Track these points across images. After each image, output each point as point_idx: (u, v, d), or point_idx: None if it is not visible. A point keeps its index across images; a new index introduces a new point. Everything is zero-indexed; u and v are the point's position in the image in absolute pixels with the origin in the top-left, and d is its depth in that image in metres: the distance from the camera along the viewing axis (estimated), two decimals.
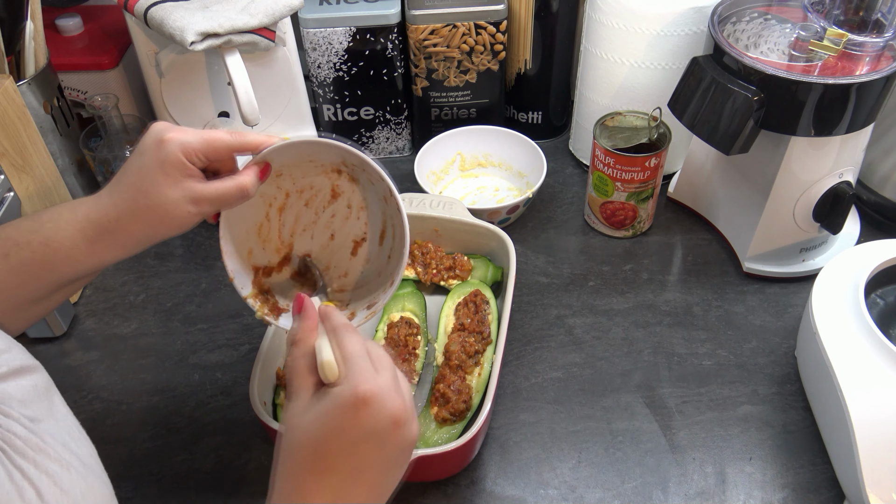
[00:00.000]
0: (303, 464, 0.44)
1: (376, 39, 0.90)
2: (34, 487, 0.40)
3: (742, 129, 0.71)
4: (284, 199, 0.61)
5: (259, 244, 0.62)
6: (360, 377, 0.44)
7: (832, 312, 0.65)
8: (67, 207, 0.54)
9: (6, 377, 0.43)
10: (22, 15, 0.80)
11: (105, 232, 0.53)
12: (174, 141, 0.51)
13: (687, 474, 0.66)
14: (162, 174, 0.51)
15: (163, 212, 0.52)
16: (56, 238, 0.52)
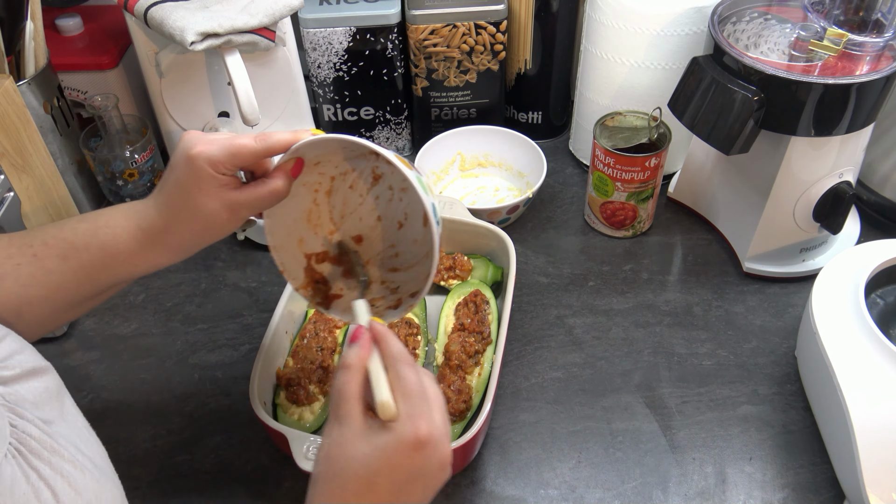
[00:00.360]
0: (352, 490, 0.45)
1: (376, 39, 0.90)
2: (50, 488, 0.40)
3: (742, 129, 0.71)
4: (330, 183, 0.61)
5: (310, 230, 0.62)
6: (420, 419, 0.45)
7: (832, 312, 0.65)
8: (121, 213, 0.55)
9: (19, 379, 0.44)
10: (22, 15, 0.80)
11: (156, 240, 0.55)
12: (201, 156, 0.51)
13: (687, 474, 0.66)
14: (196, 189, 0.52)
15: (203, 221, 0.54)
16: (113, 244, 0.54)
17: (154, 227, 0.54)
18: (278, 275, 0.85)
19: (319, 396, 0.69)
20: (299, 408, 0.68)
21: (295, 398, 0.68)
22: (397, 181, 0.61)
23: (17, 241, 0.55)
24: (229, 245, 0.90)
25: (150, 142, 0.91)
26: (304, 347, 0.72)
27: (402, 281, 0.62)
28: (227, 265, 0.87)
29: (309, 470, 0.59)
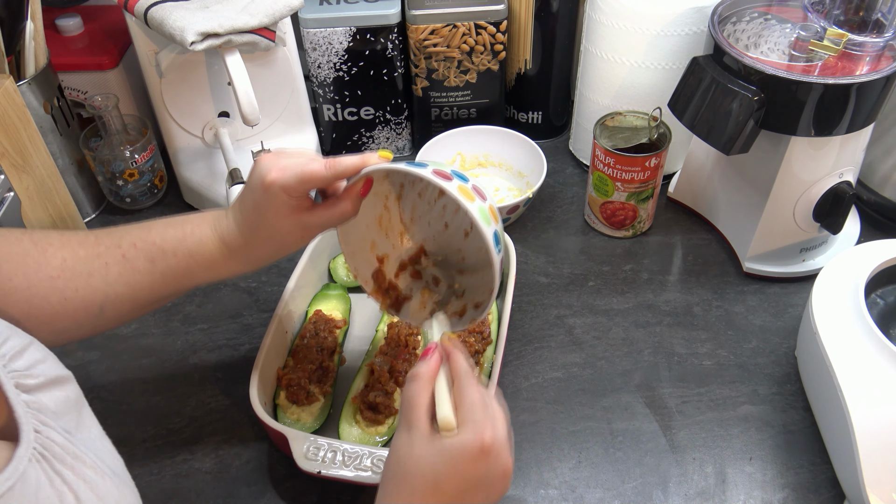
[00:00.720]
0: (419, 491, 0.47)
1: (376, 39, 0.90)
2: (73, 492, 0.41)
3: (742, 129, 0.71)
4: (400, 189, 0.63)
5: (381, 234, 0.65)
6: (485, 428, 0.47)
7: (832, 312, 0.65)
8: (207, 224, 0.59)
9: (43, 388, 0.45)
10: (22, 15, 0.80)
11: (236, 253, 0.58)
12: (276, 184, 0.54)
13: (687, 474, 0.66)
14: (272, 212, 0.56)
15: (279, 240, 0.58)
16: (199, 252, 0.58)
17: (235, 241, 0.58)
18: (278, 275, 0.86)
19: (319, 396, 0.69)
20: (299, 408, 0.68)
21: (295, 398, 0.68)
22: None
23: (105, 240, 0.57)
24: None
25: (150, 142, 0.91)
26: (304, 347, 0.72)
27: (468, 285, 0.64)
28: None
29: (309, 470, 0.59)
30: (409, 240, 0.66)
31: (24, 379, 0.44)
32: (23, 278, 0.54)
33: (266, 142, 0.90)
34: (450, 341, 0.53)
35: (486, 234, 0.53)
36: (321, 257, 0.80)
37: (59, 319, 0.55)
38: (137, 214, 0.94)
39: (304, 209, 0.56)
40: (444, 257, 0.66)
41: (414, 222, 0.65)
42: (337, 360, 0.73)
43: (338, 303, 0.78)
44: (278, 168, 0.54)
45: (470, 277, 0.64)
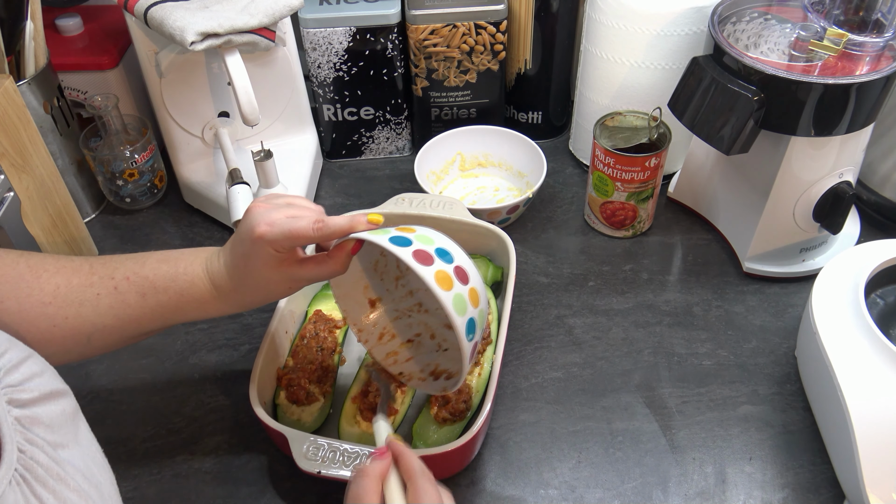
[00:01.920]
0: None
1: (376, 39, 0.90)
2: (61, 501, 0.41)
3: (742, 129, 0.71)
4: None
5: (377, 277, 0.66)
6: None
7: (832, 312, 0.65)
8: (199, 265, 0.60)
9: (37, 402, 0.44)
10: (22, 15, 0.80)
11: (226, 295, 0.60)
12: (264, 238, 0.55)
13: (687, 474, 0.66)
14: (260, 263, 0.57)
15: (266, 289, 0.59)
16: (191, 291, 0.59)
17: (225, 285, 0.59)
18: None
19: (319, 396, 0.69)
20: (299, 408, 0.68)
21: (295, 398, 0.68)
22: None
23: (100, 270, 0.58)
24: None
25: (150, 142, 0.91)
26: (304, 347, 0.72)
27: (451, 343, 0.64)
28: None
29: (309, 470, 0.59)
30: (403, 284, 0.67)
31: (18, 394, 0.43)
32: (14, 301, 0.55)
33: (266, 142, 0.90)
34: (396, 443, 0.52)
35: (458, 325, 0.53)
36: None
37: (47, 345, 0.55)
38: (137, 214, 0.94)
39: (292, 263, 0.57)
40: (437, 308, 0.65)
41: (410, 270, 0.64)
42: (337, 360, 0.73)
43: None
44: (267, 223, 0.55)
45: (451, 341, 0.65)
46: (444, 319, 0.65)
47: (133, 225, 0.93)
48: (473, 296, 0.55)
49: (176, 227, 0.93)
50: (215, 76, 0.86)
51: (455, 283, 0.54)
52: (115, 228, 0.93)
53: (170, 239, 0.91)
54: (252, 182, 0.84)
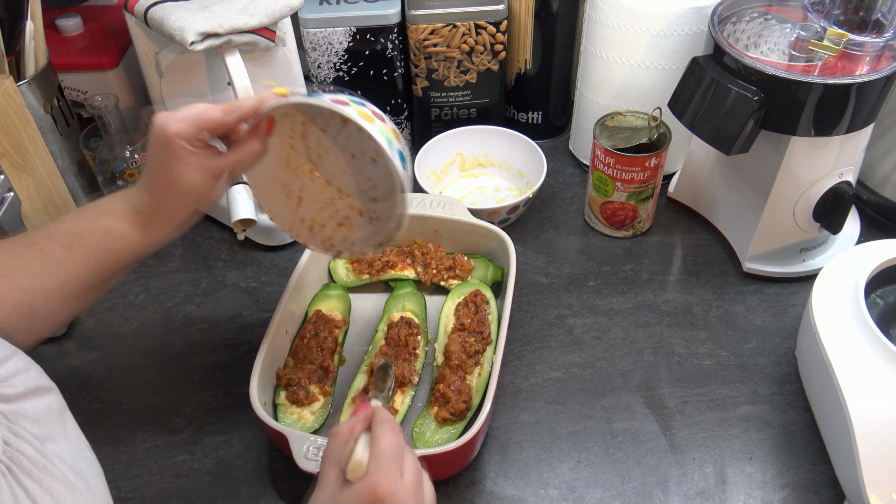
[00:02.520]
0: None
1: (376, 39, 0.90)
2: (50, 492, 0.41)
3: (742, 129, 0.71)
4: (302, 128, 0.64)
5: (291, 174, 0.66)
6: (382, 477, 0.45)
7: (832, 312, 0.65)
8: (118, 199, 0.59)
9: (22, 397, 0.44)
10: (22, 15, 0.80)
11: (152, 218, 0.58)
12: (177, 136, 0.54)
13: (687, 474, 0.66)
14: (177, 164, 0.55)
15: (192, 193, 0.57)
16: (115, 227, 0.58)
17: (148, 207, 0.58)
18: (278, 275, 0.86)
19: (319, 396, 0.69)
20: (299, 408, 0.68)
21: (295, 398, 0.68)
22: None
23: (22, 240, 0.57)
24: (229, 245, 0.90)
25: None
26: (304, 347, 0.72)
27: (381, 211, 0.65)
28: (227, 265, 0.87)
29: (309, 470, 0.59)
30: (319, 176, 0.67)
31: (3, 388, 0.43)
32: None
33: None
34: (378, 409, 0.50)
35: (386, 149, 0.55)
36: (321, 257, 0.80)
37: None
38: None
39: (210, 156, 0.56)
40: (355, 187, 0.66)
41: (322, 158, 0.66)
42: (337, 360, 0.73)
43: (338, 303, 0.78)
44: (175, 120, 0.55)
45: (382, 204, 0.65)
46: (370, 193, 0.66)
47: None
48: (395, 133, 0.57)
49: None
50: (215, 76, 0.86)
51: (376, 120, 0.56)
52: None
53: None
54: None
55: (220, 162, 0.57)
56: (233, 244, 0.90)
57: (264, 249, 0.89)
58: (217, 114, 0.55)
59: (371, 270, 0.80)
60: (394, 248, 0.82)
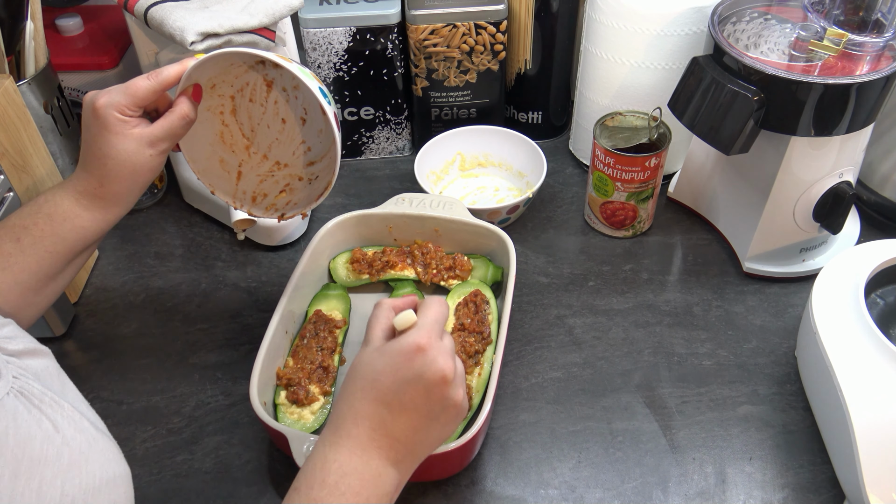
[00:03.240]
0: (359, 391, 0.49)
1: (376, 39, 0.90)
2: (50, 420, 0.44)
3: (742, 129, 0.71)
4: (231, 102, 0.67)
5: (227, 150, 0.69)
6: (426, 331, 0.50)
7: (832, 312, 0.65)
8: (58, 187, 0.60)
9: (22, 354, 0.47)
10: (22, 15, 0.80)
11: (95, 198, 0.59)
12: (106, 106, 0.56)
13: (687, 474, 0.66)
14: (112, 135, 0.57)
15: (130, 164, 0.58)
16: (57, 212, 0.59)
17: (89, 185, 0.59)
18: (278, 275, 0.86)
19: (319, 396, 0.69)
20: (299, 408, 0.68)
21: (295, 398, 0.68)
22: (288, 81, 0.67)
23: None
24: (229, 245, 0.90)
25: None
26: (304, 347, 0.72)
27: (319, 171, 0.69)
28: (227, 265, 0.87)
29: None
30: (255, 151, 0.70)
31: (5, 343, 0.46)
32: None
33: None
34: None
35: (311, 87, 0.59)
36: (321, 257, 0.80)
37: None
38: (137, 214, 0.94)
39: (143, 126, 0.58)
40: (292, 153, 0.70)
41: (255, 132, 0.69)
42: (337, 360, 0.73)
43: (338, 303, 0.78)
44: (103, 94, 0.57)
45: (319, 165, 0.69)
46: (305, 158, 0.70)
47: (133, 225, 0.93)
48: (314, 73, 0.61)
49: (176, 227, 0.93)
50: None
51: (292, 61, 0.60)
52: (115, 228, 0.92)
53: (170, 239, 0.91)
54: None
55: (152, 129, 0.58)
56: (233, 244, 0.90)
57: (264, 249, 0.89)
58: (142, 80, 0.57)
59: (371, 270, 0.80)
60: (394, 248, 0.82)
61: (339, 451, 0.48)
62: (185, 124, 0.60)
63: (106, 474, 0.45)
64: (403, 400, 0.48)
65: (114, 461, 0.47)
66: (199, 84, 0.61)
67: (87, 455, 0.45)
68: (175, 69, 0.58)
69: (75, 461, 0.43)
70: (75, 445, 0.44)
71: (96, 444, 0.46)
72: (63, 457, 0.43)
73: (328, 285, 0.81)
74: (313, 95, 0.59)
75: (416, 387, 0.48)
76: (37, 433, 0.42)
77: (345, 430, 0.48)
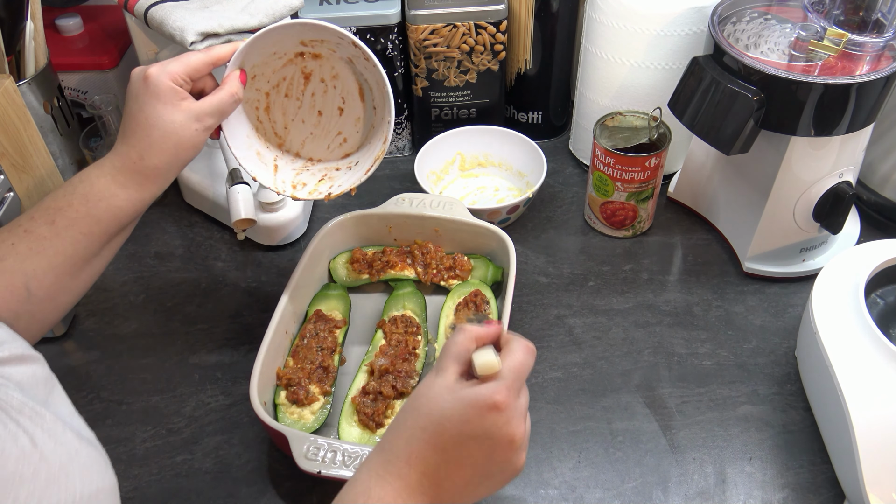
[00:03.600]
0: (420, 430, 0.46)
1: (376, 39, 0.90)
2: (28, 435, 0.41)
3: (742, 129, 0.71)
4: (266, 99, 0.69)
5: (263, 145, 0.70)
6: (506, 388, 0.46)
7: (832, 312, 0.65)
8: (92, 167, 0.59)
9: (7, 362, 0.45)
10: (22, 15, 0.80)
11: (133, 173, 0.58)
12: (158, 73, 0.57)
13: (687, 474, 0.66)
14: (161, 104, 0.57)
15: (175, 137, 0.58)
16: (93, 192, 0.58)
17: (128, 160, 0.58)
18: (278, 275, 0.86)
19: (319, 396, 0.69)
20: (299, 408, 0.68)
21: (295, 398, 0.68)
22: (327, 71, 0.68)
23: (7, 226, 0.58)
24: (229, 245, 0.90)
25: None
26: (304, 347, 0.72)
27: (358, 158, 0.70)
28: (227, 265, 0.87)
29: (309, 470, 0.59)
30: (287, 149, 0.71)
31: None
32: None
33: None
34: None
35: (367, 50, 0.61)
36: (321, 257, 0.80)
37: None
38: None
39: (190, 100, 0.59)
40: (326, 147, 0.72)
41: (288, 129, 0.71)
42: (337, 360, 0.73)
43: (338, 303, 0.78)
44: (155, 65, 0.58)
45: (357, 154, 0.70)
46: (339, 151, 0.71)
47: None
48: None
49: (176, 227, 0.93)
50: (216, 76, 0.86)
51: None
52: None
53: (170, 239, 0.91)
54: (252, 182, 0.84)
55: (201, 103, 0.59)
56: (233, 244, 0.90)
57: (264, 249, 0.89)
58: (196, 53, 0.58)
59: (371, 270, 0.80)
60: (394, 248, 0.82)
61: (384, 487, 0.46)
62: (233, 102, 0.60)
63: (88, 489, 0.44)
64: (463, 454, 0.46)
65: (97, 473, 0.45)
66: (246, 71, 0.63)
67: (67, 469, 0.43)
68: (227, 48, 0.60)
69: (54, 477, 0.42)
70: (55, 460, 0.42)
71: (78, 458, 0.44)
72: (40, 474, 0.41)
73: (328, 285, 0.81)
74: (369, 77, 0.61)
75: (482, 445, 0.46)
76: (12, 450, 0.40)
77: (395, 469, 0.46)
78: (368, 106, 0.69)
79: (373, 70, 0.63)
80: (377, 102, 0.68)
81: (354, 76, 0.68)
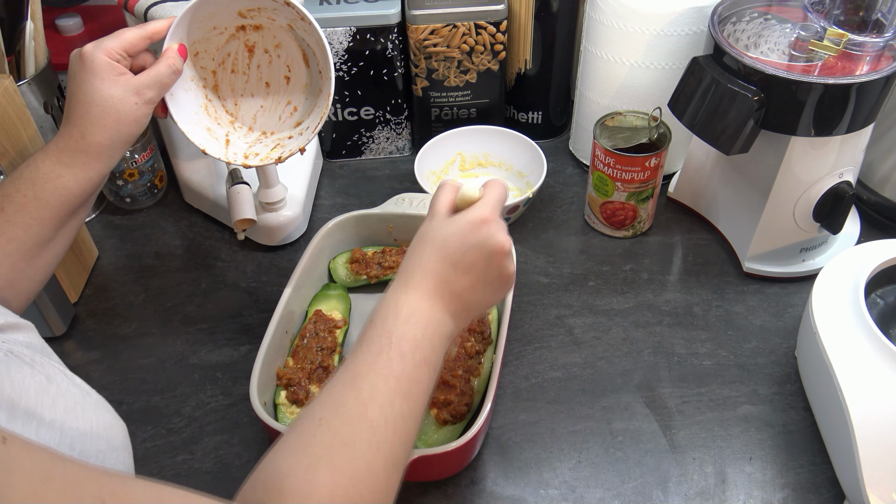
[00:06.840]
0: (428, 250, 0.53)
1: (376, 39, 0.90)
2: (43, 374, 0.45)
3: (742, 129, 0.71)
4: (214, 78, 0.70)
5: (213, 121, 0.71)
6: (488, 208, 0.54)
7: (832, 312, 0.65)
8: (38, 151, 0.60)
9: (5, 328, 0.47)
10: (22, 15, 0.80)
11: (76, 152, 0.59)
12: (92, 49, 0.58)
13: (687, 474, 0.66)
14: (98, 80, 0.58)
15: (115, 111, 0.59)
16: (38, 175, 0.58)
17: (70, 139, 0.59)
18: (278, 275, 0.86)
19: None
20: (299, 408, 0.68)
21: (295, 398, 0.68)
22: (269, 41, 0.70)
23: None
24: (229, 245, 0.90)
25: (150, 142, 0.91)
26: (304, 347, 0.72)
27: (309, 122, 0.71)
28: (227, 265, 0.87)
29: None
30: (240, 125, 0.72)
31: None
32: None
33: None
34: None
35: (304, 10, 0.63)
36: (321, 257, 0.80)
37: None
38: (137, 214, 0.94)
39: (130, 75, 0.59)
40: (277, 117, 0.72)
41: (238, 105, 0.72)
42: (337, 360, 0.73)
43: (338, 303, 0.78)
44: (92, 42, 0.58)
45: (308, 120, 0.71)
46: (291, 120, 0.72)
47: (133, 225, 0.93)
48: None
49: (176, 227, 0.93)
50: None
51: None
52: (115, 228, 0.93)
53: (170, 239, 0.91)
54: (252, 182, 0.84)
55: (140, 76, 0.60)
56: (233, 244, 0.90)
57: (264, 249, 0.89)
58: (131, 28, 0.59)
59: (371, 271, 0.80)
60: (394, 249, 0.82)
61: (409, 295, 0.52)
62: (172, 73, 0.61)
63: (102, 422, 0.47)
64: (467, 262, 0.52)
65: (108, 413, 0.49)
66: (185, 45, 0.63)
67: (82, 405, 0.46)
68: (163, 22, 0.60)
69: (71, 408, 0.45)
70: (70, 395, 0.45)
71: (90, 397, 0.48)
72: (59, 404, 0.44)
73: (328, 285, 0.81)
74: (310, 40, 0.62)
75: (480, 252, 0.52)
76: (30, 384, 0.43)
77: (413, 282, 0.52)
78: (314, 71, 0.71)
79: (311, 30, 0.65)
80: (322, 66, 0.69)
81: (297, 42, 0.70)
